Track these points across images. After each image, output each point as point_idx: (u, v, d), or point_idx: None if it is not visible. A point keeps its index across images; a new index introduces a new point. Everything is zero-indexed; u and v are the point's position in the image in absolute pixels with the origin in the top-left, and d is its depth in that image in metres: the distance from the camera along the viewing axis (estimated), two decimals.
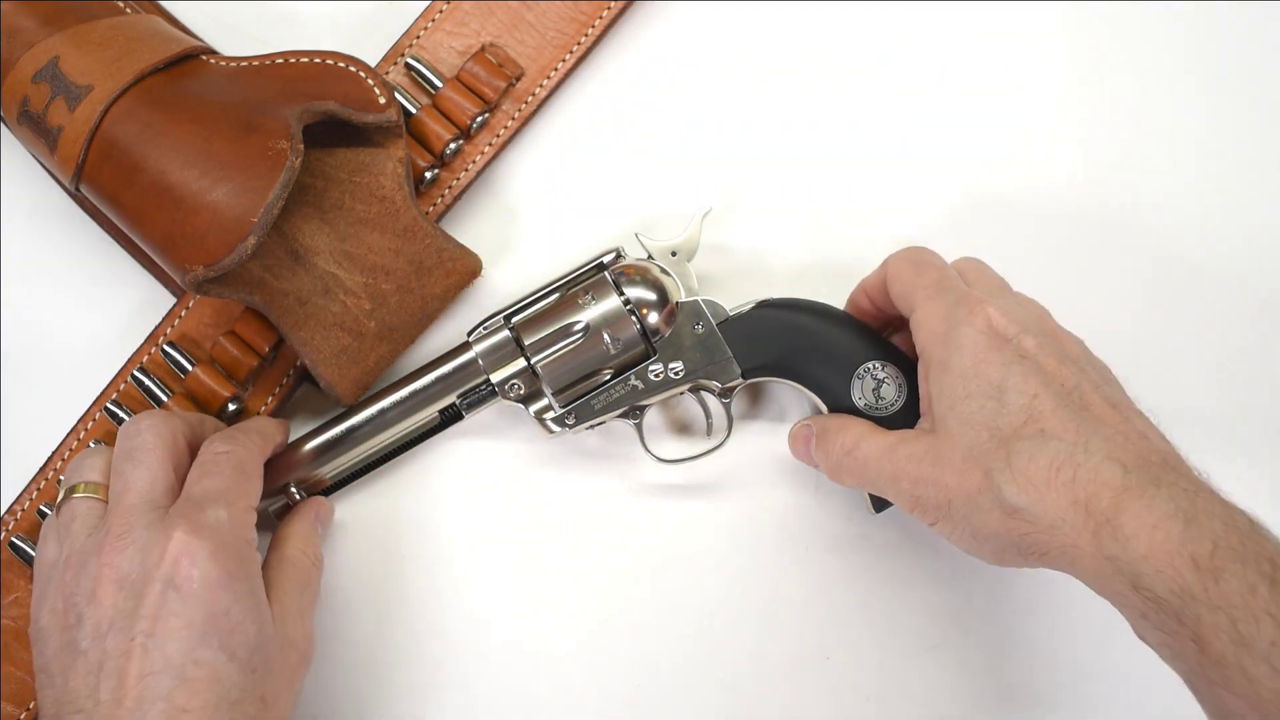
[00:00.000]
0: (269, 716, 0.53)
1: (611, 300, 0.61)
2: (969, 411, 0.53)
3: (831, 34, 0.70)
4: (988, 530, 0.52)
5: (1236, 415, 0.66)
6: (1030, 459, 0.51)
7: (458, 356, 0.62)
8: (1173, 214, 0.68)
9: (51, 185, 0.68)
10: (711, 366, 0.61)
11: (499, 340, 0.62)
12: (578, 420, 0.62)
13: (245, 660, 0.52)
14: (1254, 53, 0.70)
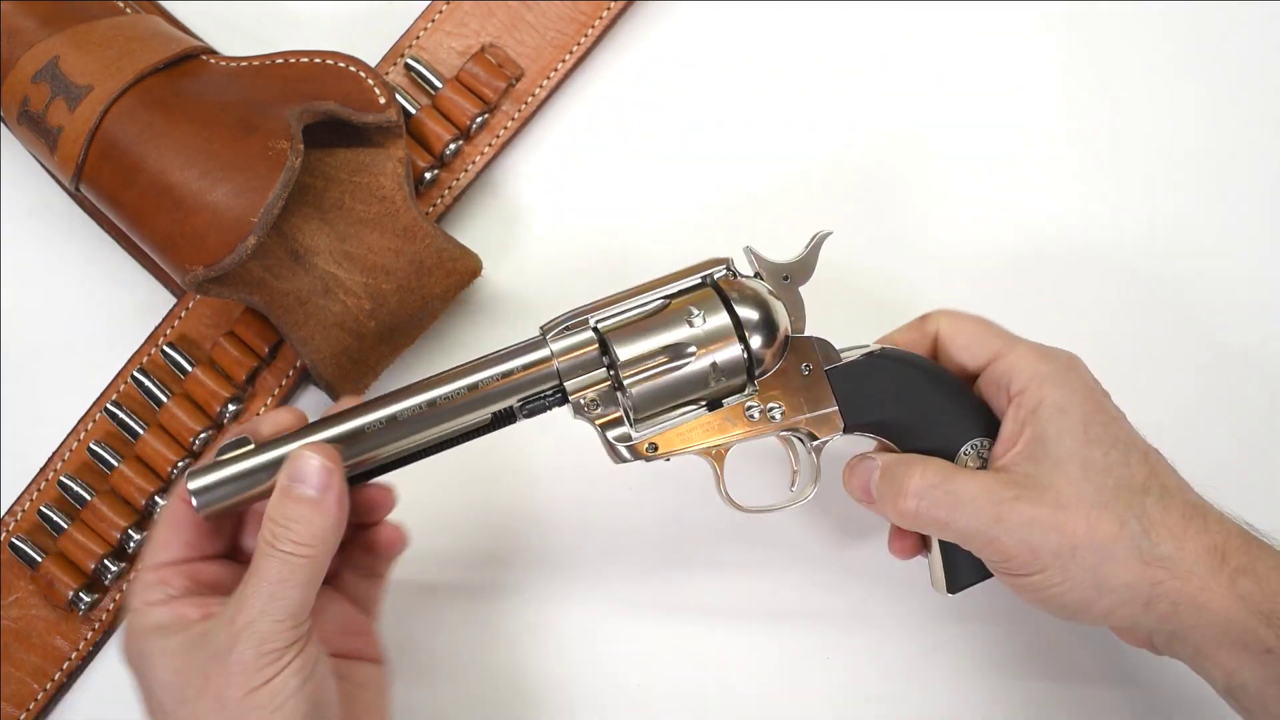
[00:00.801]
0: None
1: (721, 321, 0.54)
2: (1094, 458, 0.52)
3: (831, 34, 0.70)
4: (1117, 580, 0.51)
5: (1224, 432, 0.66)
6: (1165, 509, 0.51)
7: (529, 353, 0.54)
8: (1169, 217, 0.68)
9: (51, 185, 0.68)
10: (813, 415, 0.55)
11: (581, 344, 0.54)
12: (656, 455, 0.55)
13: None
14: (1252, 53, 0.70)
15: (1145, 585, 0.51)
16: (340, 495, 0.51)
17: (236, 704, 0.48)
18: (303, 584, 0.49)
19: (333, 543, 0.50)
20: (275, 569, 0.49)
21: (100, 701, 0.64)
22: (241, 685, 0.48)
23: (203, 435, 0.64)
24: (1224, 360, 0.66)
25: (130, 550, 0.64)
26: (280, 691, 0.49)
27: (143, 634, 0.51)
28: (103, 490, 0.64)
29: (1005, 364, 0.55)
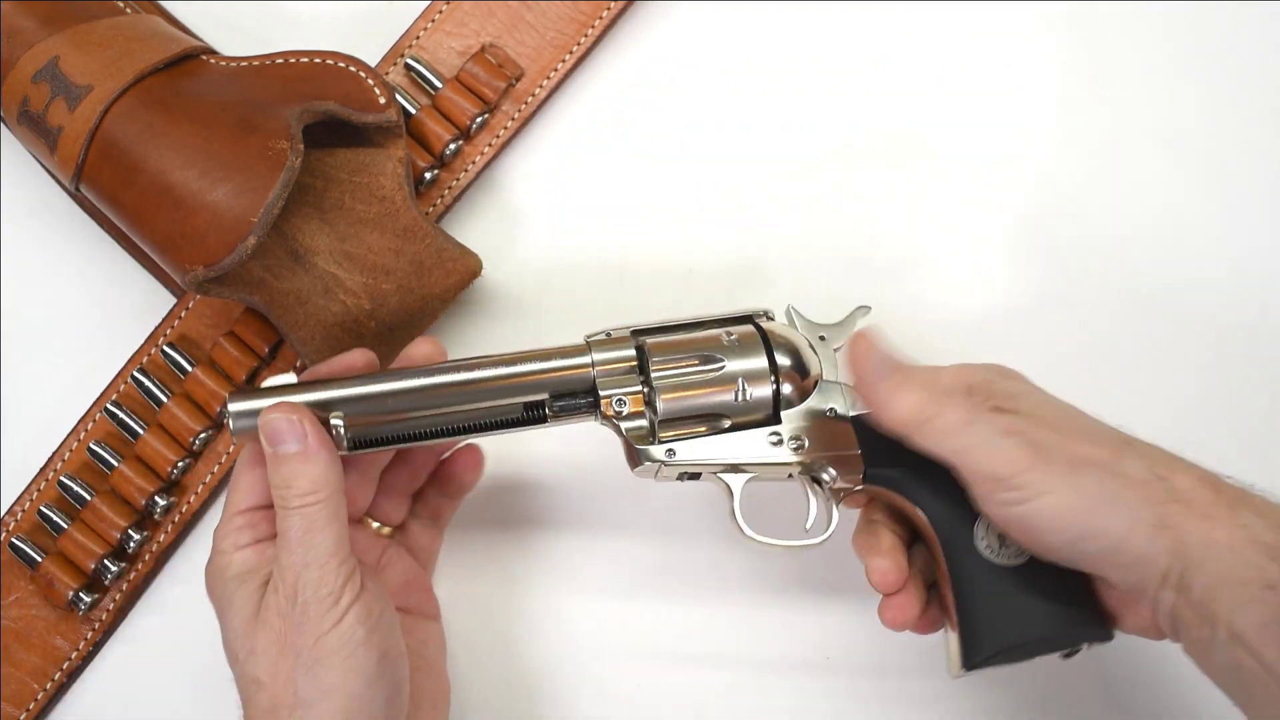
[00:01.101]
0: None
1: (757, 352, 0.56)
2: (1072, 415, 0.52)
3: (831, 34, 0.70)
4: (1129, 494, 0.49)
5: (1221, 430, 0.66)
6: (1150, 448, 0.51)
7: (571, 356, 0.56)
8: (1169, 217, 0.68)
9: (51, 185, 0.68)
10: (835, 458, 0.56)
11: (620, 355, 0.56)
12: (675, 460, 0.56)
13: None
14: (1252, 52, 0.70)
15: (1155, 504, 0.49)
16: (319, 436, 0.53)
17: (309, 652, 0.51)
18: (326, 525, 0.52)
19: (335, 481, 0.53)
20: (297, 524, 0.52)
21: (100, 701, 0.65)
22: (311, 632, 0.51)
23: (203, 435, 0.64)
24: (1224, 360, 0.66)
25: (130, 550, 0.64)
26: (349, 638, 0.51)
27: (224, 577, 0.54)
28: (103, 490, 0.64)
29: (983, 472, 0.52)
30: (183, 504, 0.65)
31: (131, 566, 0.65)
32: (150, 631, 0.65)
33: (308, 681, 0.51)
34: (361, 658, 0.51)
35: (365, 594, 0.52)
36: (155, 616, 0.65)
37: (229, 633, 0.53)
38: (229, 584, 0.54)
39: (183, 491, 0.65)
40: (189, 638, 0.65)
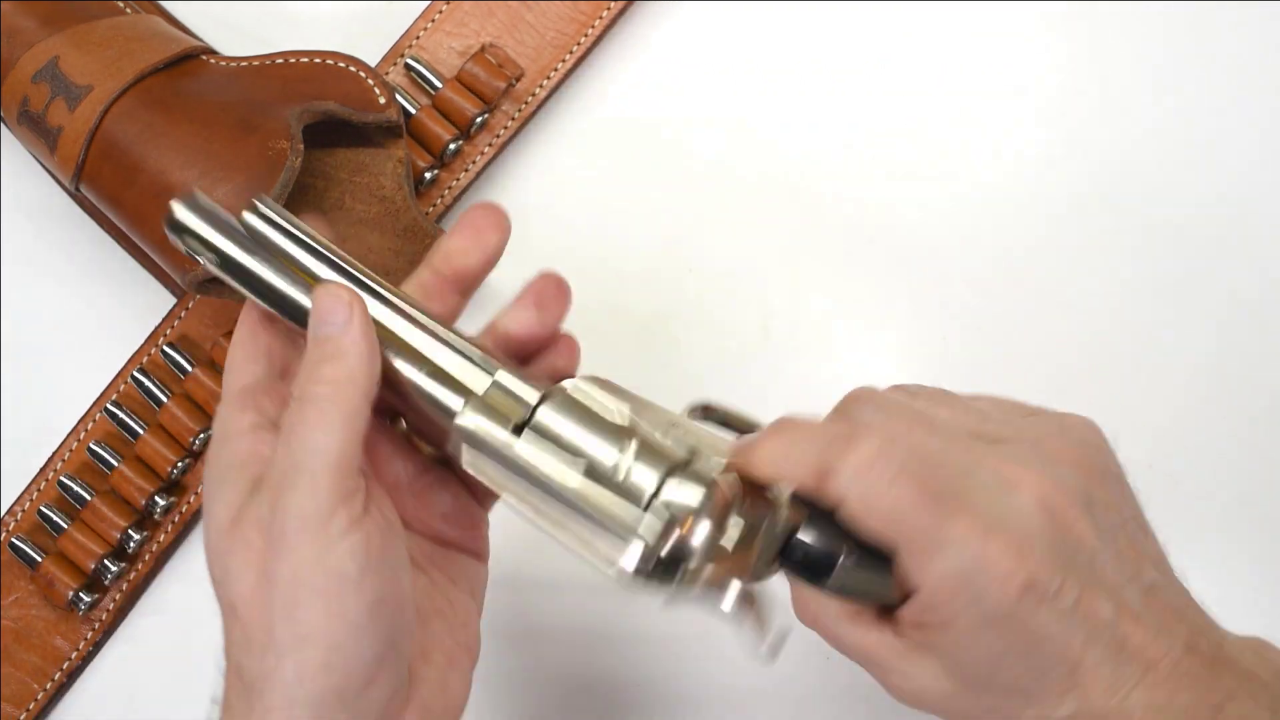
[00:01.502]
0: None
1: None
2: (999, 683, 0.44)
3: (832, 34, 0.70)
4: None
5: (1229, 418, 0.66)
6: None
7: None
8: (1176, 213, 0.68)
9: (51, 185, 0.68)
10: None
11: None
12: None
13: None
14: (1252, 54, 0.70)
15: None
16: (364, 325, 0.44)
17: (286, 585, 0.42)
18: (335, 427, 0.42)
19: (363, 380, 0.44)
20: (302, 416, 0.43)
21: (100, 701, 0.65)
22: (289, 561, 0.41)
23: (202, 435, 0.64)
24: (1224, 362, 0.66)
25: (130, 550, 0.64)
26: (336, 574, 0.41)
27: (215, 464, 0.45)
28: (103, 490, 0.64)
29: (917, 591, 0.44)
30: (183, 504, 0.65)
31: (131, 566, 0.65)
32: (150, 631, 0.65)
33: (283, 621, 0.42)
34: (349, 601, 0.41)
35: (367, 522, 0.42)
36: (155, 616, 0.65)
37: (206, 536, 0.44)
38: (218, 473, 0.44)
39: (183, 491, 0.65)
40: (189, 638, 0.65)
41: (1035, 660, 0.44)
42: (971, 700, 0.45)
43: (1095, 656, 0.44)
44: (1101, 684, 0.44)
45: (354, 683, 0.42)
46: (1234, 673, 0.44)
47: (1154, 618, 0.44)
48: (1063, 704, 0.44)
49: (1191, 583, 0.49)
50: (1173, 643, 0.44)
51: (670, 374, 0.66)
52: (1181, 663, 0.44)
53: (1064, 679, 0.44)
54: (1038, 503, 0.43)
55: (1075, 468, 0.45)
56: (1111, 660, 0.44)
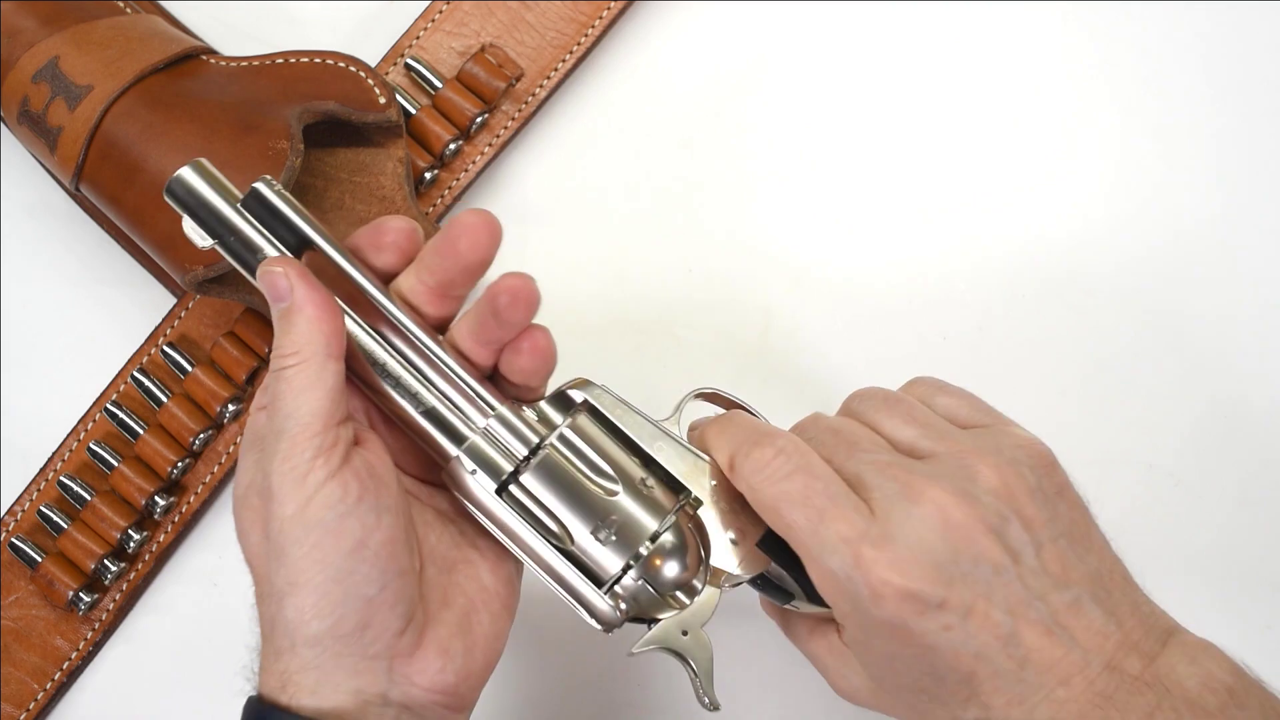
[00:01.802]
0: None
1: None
2: (902, 684, 0.47)
3: (834, 34, 0.70)
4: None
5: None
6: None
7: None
8: (1186, 241, 0.68)
9: (51, 185, 0.68)
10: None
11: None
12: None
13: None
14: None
15: None
16: (307, 289, 0.47)
17: (276, 537, 0.45)
18: (303, 391, 0.46)
19: (320, 341, 0.47)
20: (276, 387, 0.46)
21: (100, 701, 0.65)
22: (276, 515, 0.45)
23: (202, 435, 0.64)
24: (1225, 362, 0.66)
25: (130, 550, 0.64)
26: (315, 523, 0.45)
27: (244, 440, 0.49)
28: (103, 490, 0.64)
29: (812, 576, 0.48)
30: (183, 504, 0.65)
31: (131, 566, 0.65)
32: (150, 631, 0.65)
33: (277, 569, 0.45)
34: (329, 547, 0.45)
35: (345, 471, 0.45)
36: (155, 616, 0.65)
37: (233, 499, 0.49)
38: (244, 445, 0.49)
39: (183, 491, 0.65)
40: (189, 638, 0.65)
41: (928, 666, 0.45)
42: (892, 698, 0.48)
43: (991, 669, 0.45)
44: (1002, 696, 0.45)
45: (347, 624, 0.45)
46: (1159, 690, 0.44)
47: (1071, 634, 0.45)
48: (967, 709, 0.45)
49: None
50: (1090, 659, 0.45)
51: (670, 374, 0.66)
52: (1098, 681, 0.45)
53: (961, 687, 0.45)
54: (937, 517, 0.45)
55: (995, 485, 0.46)
56: (1013, 674, 0.45)
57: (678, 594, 0.49)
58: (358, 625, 0.45)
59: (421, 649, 0.47)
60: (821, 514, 0.46)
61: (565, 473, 0.49)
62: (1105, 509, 0.49)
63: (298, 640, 0.45)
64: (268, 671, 0.46)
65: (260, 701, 0.46)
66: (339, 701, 0.45)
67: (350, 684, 0.46)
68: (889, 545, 0.45)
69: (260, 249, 0.49)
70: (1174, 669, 0.45)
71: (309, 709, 0.45)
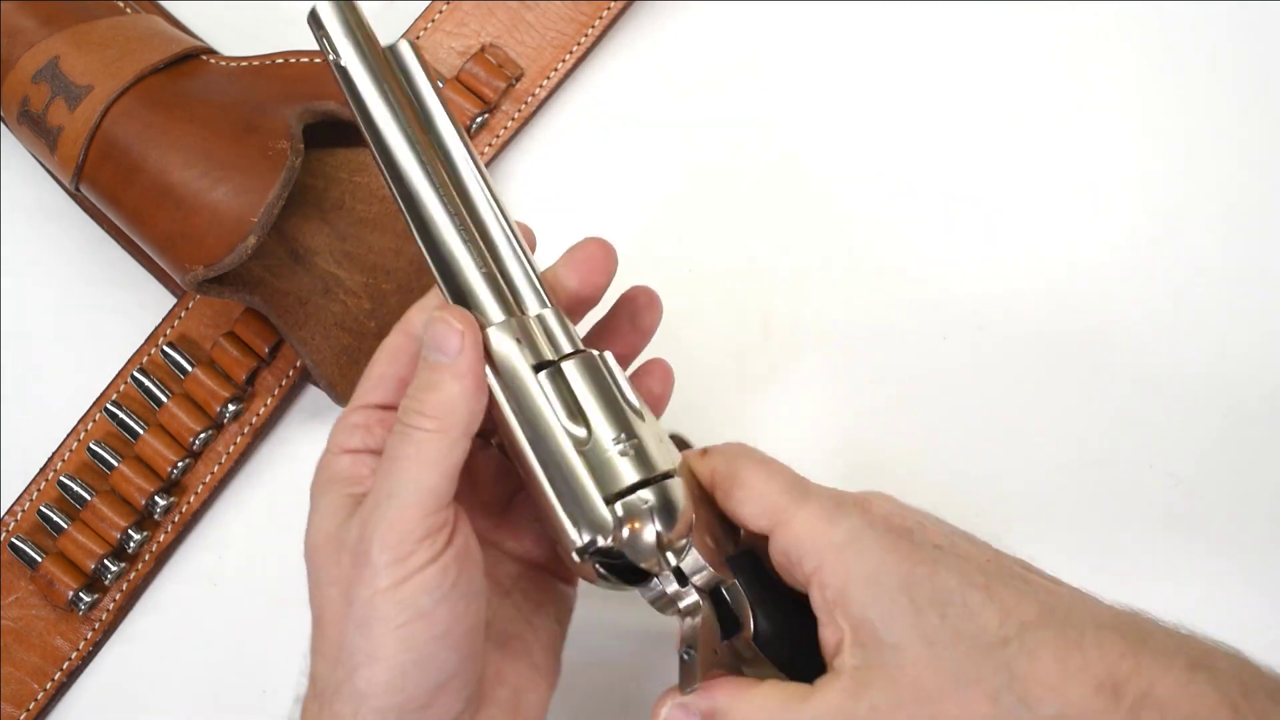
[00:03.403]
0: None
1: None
2: (934, 626, 0.43)
3: (836, 34, 0.70)
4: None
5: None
6: (1033, 659, 0.43)
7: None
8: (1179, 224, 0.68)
9: (51, 185, 0.68)
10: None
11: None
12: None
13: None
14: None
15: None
16: (474, 359, 0.45)
17: (362, 606, 0.43)
18: (430, 463, 0.44)
19: (465, 416, 0.45)
20: (401, 448, 0.44)
21: (100, 701, 0.65)
22: (368, 584, 0.43)
23: (202, 435, 0.64)
24: (1226, 361, 0.66)
25: (130, 550, 0.64)
26: (408, 604, 0.43)
27: (321, 478, 0.47)
28: (103, 490, 0.64)
29: (790, 535, 0.45)
30: (183, 504, 0.65)
31: (131, 566, 0.65)
32: (150, 631, 0.65)
33: (354, 638, 0.44)
34: (418, 630, 0.43)
35: (446, 554, 0.44)
36: (155, 616, 0.65)
37: (308, 539, 0.46)
38: (319, 488, 0.47)
39: (183, 491, 0.65)
40: (189, 638, 0.65)
41: (947, 586, 0.44)
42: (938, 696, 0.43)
43: (1001, 580, 0.44)
44: (1030, 607, 0.44)
45: (415, 703, 0.44)
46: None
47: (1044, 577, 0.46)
48: (1008, 639, 0.43)
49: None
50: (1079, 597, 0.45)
51: None
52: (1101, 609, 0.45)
53: (989, 605, 0.44)
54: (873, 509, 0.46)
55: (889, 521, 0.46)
56: (1024, 581, 0.45)
57: (666, 553, 0.46)
58: (424, 704, 0.44)
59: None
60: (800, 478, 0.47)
61: (603, 377, 0.47)
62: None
63: (362, 709, 0.44)
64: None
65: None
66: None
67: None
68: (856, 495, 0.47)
69: (370, 112, 0.49)
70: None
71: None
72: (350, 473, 0.47)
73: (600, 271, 0.51)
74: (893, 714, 0.43)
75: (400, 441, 0.44)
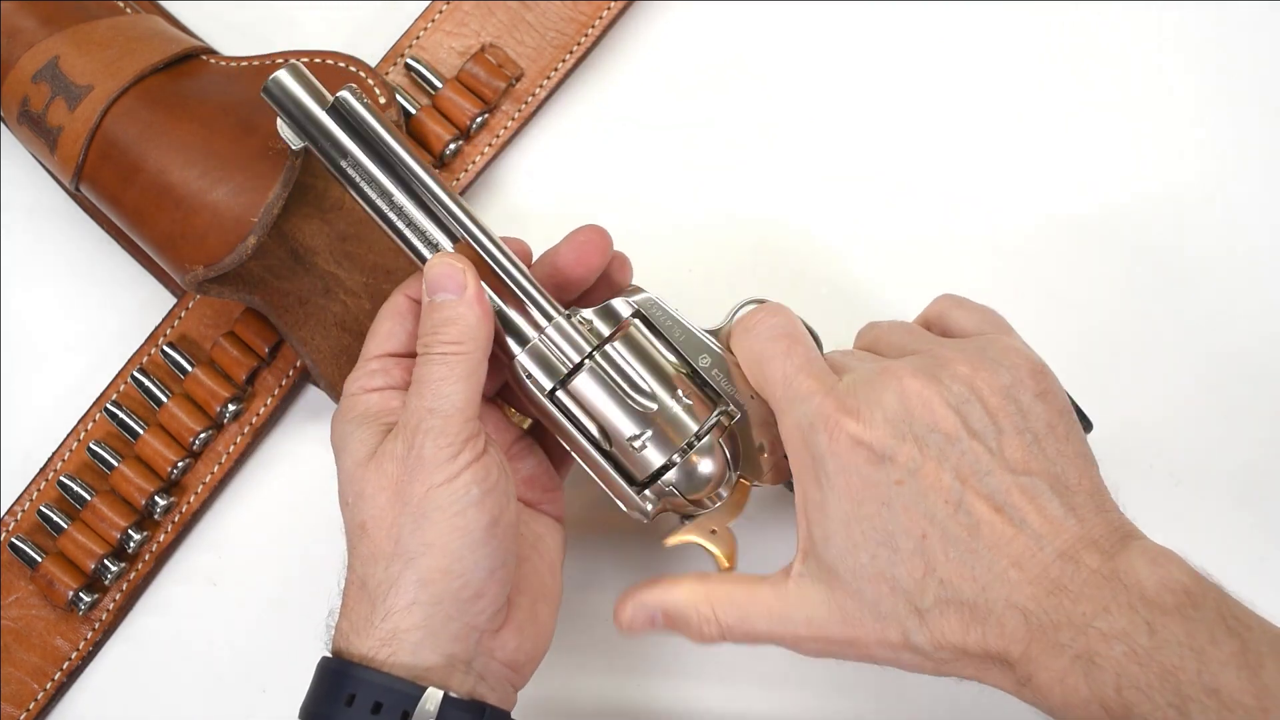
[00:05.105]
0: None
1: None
2: (861, 564, 0.49)
3: (837, 33, 0.70)
4: (918, 669, 0.50)
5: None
6: (942, 616, 0.48)
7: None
8: (1180, 210, 0.68)
9: (51, 185, 0.68)
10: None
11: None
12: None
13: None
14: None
15: (945, 671, 0.50)
16: (478, 290, 0.53)
17: (419, 501, 0.50)
18: (463, 378, 0.51)
19: (483, 337, 0.52)
20: (434, 370, 0.51)
21: (100, 701, 0.65)
22: (423, 482, 0.50)
23: (202, 435, 0.64)
24: (1227, 361, 0.66)
25: (130, 550, 0.64)
26: (461, 495, 0.50)
27: (348, 417, 0.53)
28: (103, 490, 0.64)
29: (781, 432, 0.53)
30: (183, 504, 0.65)
31: (131, 566, 0.65)
32: (150, 631, 0.65)
33: (411, 532, 0.50)
34: (471, 517, 0.50)
35: (485, 457, 0.51)
36: (155, 616, 0.65)
37: (341, 475, 0.53)
38: (349, 425, 0.53)
39: (183, 491, 0.65)
40: (189, 638, 0.65)
41: (884, 531, 0.48)
42: (854, 606, 0.49)
43: (941, 532, 0.48)
44: (956, 568, 0.48)
45: (468, 591, 0.50)
46: (1116, 586, 0.46)
47: (1023, 515, 0.48)
48: (925, 590, 0.48)
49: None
50: (1044, 545, 0.48)
51: None
52: (1052, 568, 0.47)
53: (916, 558, 0.48)
54: (897, 386, 0.50)
55: (964, 374, 0.50)
56: (965, 543, 0.48)
57: (706, 497, 0.54)
58: (476, 593, 0.50)
59: (505, 627, 0.52)
60: (797, 370, 0.52)
61: (606, 383, 0.54)
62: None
63: (421, 598, 0.49)
64: (369, 630, 0.50)
65: (346, 660, 0.50)
66: (434, 661, 0.49)
67: (448, 647, 0.50)
68: (849, 399, 0.50)
69: (350, 153, 0.54)
70: (1133, 568, 0.47)
71: (405, 666, 0.49)
72: (380, 406, 0.53)
73: (595, 253, 0.57)
74: (818, 632, 0.50)
75: (433, 366, 0.51)
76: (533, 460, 0.58)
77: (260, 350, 0.65)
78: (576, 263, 0.56)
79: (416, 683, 0.49)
